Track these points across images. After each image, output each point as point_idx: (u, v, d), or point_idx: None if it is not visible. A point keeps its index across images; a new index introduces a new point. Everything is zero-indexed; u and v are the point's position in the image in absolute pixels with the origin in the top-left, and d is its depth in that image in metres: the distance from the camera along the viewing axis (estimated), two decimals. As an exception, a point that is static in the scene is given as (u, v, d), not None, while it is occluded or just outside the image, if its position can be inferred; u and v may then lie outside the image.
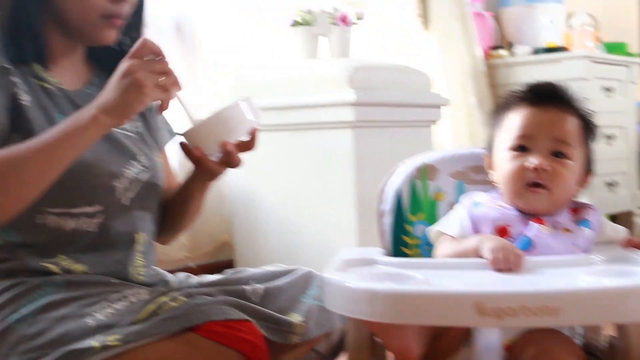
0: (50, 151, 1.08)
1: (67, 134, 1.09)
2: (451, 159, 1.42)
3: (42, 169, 1.08)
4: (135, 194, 1.27)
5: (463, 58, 3.49)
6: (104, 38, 1.25)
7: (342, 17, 2.49)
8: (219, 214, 2.53)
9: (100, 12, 1.22)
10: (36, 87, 1.22)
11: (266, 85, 2.39)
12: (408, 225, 1.38)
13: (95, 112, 1.10)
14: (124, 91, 1.10)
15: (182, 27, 2.45)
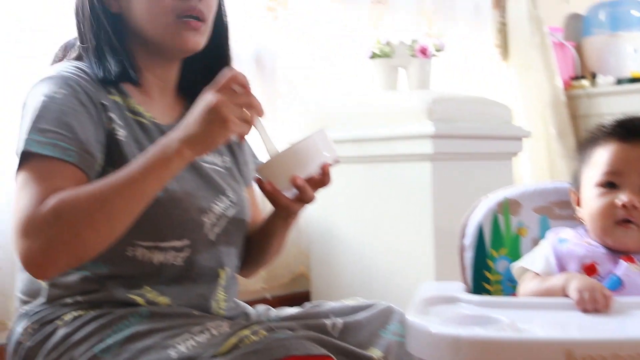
0: (136, 186, 1.09)
1: (151, 167, 1.10)
2: (534, 193, 1.39)
3: (129, 204, 1.09)
4: (221, 229, 1.28)
5: (543, 89, 3.44)
6: (186, 42, 1.25)
7: (421, 49, 2.48)
8: (296, 246, 2.53)
9: (173, 12, 1.23)
10: (131, 122, 1.24)
11: (344, 117, 2.40)
12: (490, 261, 1.36)
13: (179, 146, 1.10)
14: (209, 125, 1.10)
15: (261, 58, 2.48)
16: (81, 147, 1.13)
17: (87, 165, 1.13)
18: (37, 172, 1.10)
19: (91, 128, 1.16)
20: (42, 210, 1.05)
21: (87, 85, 1.19)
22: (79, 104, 1.16)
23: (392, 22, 2.93)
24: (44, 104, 1.14)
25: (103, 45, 1.25)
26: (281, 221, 1.34)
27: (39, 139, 1.11)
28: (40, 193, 1.07)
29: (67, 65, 1.24)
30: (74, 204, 1.06)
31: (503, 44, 3.51)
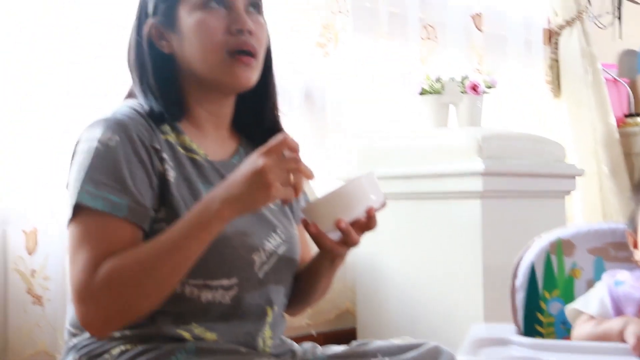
0: (180, 251, 1.12)
1: (193, 230, 1.12)
2: (588, 234, 1.36)
3: (174, 268, 1.12)
4: (270, 267, 1.27)
5: (596, 126, 3.39)
6: (238, 79, 1.26)
7: (472, 86, 2.46)
8: (342, 281, 2.52)
9: (224, 48, 1.24)
10: (184, 159, 1.25)
11: (393, 153, 2.39)
12: (542, 302, 1.33)
13: (219, 206, 1.11)
14: (251, 188, 1.11)
15: (311, 93, 2.50)
16: (133, 199, 1.15)
17: (138, 217, 1.15)
18: (90, 230, 1.14)
19: (143, 177, 1.18)
20: (94, 280, 1.10)
21: (140, 129, 1.20)
22: (132, 151, 1.18)
23: (441, 58, 2.93)
24: (98, 151, 1.16)
25: (155, 85, 1.26)
26: (327, 262, 1.33)
27: (92, 190, 1.14)
28: (92, 258, 1.12)
29: (122, 106, 1.26)
30: (122, 274, 1.10)
31: (555, 80, 3.48)
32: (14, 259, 1.76)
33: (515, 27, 3.24)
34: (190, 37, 1.25)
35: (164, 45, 1.28)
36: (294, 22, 2.38)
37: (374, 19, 2.69)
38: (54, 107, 1.83)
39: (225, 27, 1.24)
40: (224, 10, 1.25)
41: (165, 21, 1.27)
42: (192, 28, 1.25)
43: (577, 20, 3.42)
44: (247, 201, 1.11)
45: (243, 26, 1.24)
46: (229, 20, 1.25)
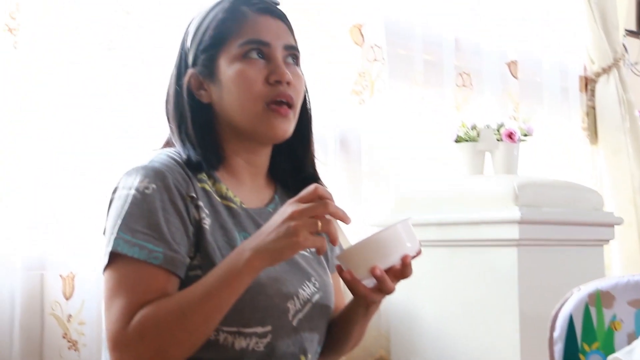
0: (212, 301, 1.13)
1: (224, 280, 1.13)
2: (628, 285, 1.35)
3: (206, 317, 1.13)
4: (304, 315, 1.27)
5: (633, 173, 3.35)
6: (275, 130, 1.28)
7: (508, 134, 2.46)
8: (375, 328, 2.49)
9: (263, 99, 1.26)
10: (220, 207, 1.27)
11: (429, 200, 2.38)
12: (581, 355, 1.31)
13: (249, 256, 1.12)
14: (279, 237, 1.11)
15: (346, 140, 2.51)
16: (168, 247, 1.16)
17: (173, 265, 1.17)
18: (125, 278, 1.16)
19: (179, 225, 1.19)
20: (129, 329, 1.12)
21: (177, 177, 1.22)
22: (168, 199, 1.19)
23: (477, 105, 2.93)
24: (134, 199, 1.18)
25: (193, 134, 1.29)
26: (361, 310, 1.32)
27: (128, 238, 1.16)
28: (127, 307, 1.14)
29: (159, 154, 1.27)
30: (155, 323, 1.12)
31: (591, 127, 3.45)
32: (50, 303, 1.77)
33: (551, 75, 3.23)
34: (229, 87, 1.27)
35: (203, 94, 1.30)
36: (329, 70, 2.40)
37: (410, 66, 2.70)
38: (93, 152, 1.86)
39: (264, 78, 1.27)
40: (263, 61, 1.28)
41: (205, 71, 1.29)
42: (231, 78, 1.27)
43: (613, 68, 3.40)
44: (275, 251, 1.12)
45: (282, 78, 1.26)
46: (268, 71, 1.27)
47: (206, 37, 1.30)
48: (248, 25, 1.28)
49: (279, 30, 1.30)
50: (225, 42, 1.28)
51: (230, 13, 1.30)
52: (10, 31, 1.74)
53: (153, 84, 1.94)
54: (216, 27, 1.29)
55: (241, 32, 1.28)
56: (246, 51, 1.27)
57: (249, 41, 1.27)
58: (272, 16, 1.31)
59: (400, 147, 2.63)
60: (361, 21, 2.52)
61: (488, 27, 2.98)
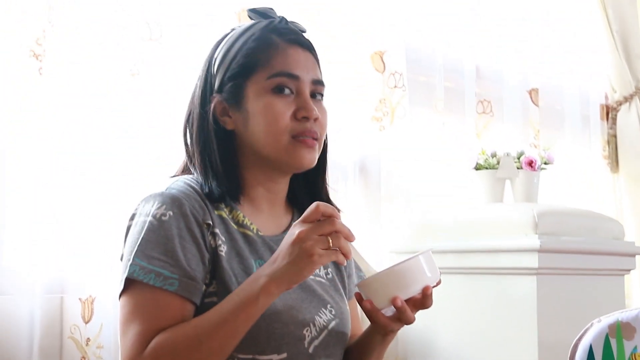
0: (228, 326, 1.13)
1: (240, 306, 1.13)
2: (649, 317, 1.33)
3: (222, 343, 1.13)
4: (320, 342, 1.27)
5: (655, 202, 3.33)
6: (301, 161, 1.29)
7: (528, 162, 2.45)
8: (393, 355, 2.48)
9: (289, 133, 1.27)
10: (236, 235, 1.27)
11: (448, 227, 2.38)
12: (602, 387, 1.29)
13: (265, 282, 1.13)
14: (294, 259, 1.12)
15: (366, 167, 2.51)
16: (184, 274, 1.17)
17: (189, 291, 1.17)
18: (141, 304, 1.16)
19: (195, 252, 1.20)
20: (144, 355, 1.12)
21: (194, 205, 1.23)
22: (184, 226, 1.20)
23: (497, 132, 2.92)
24: (151, 225, 1.19)
25: (213, 164, 1.29)
26: (378, 337, 1.32)
27: (143, 264, 1.16)
28: (142, 333, 1.14)
29: (177, 181, 1.28)
30: (172, 349, 1.12)
31: (612, 155, 3.43)
32: (69, 326, 1.78)
33: (572, 103, 3.23)
34: (256, 119, 1.27)
35: (227, 121, 1.31)
36: (350, 96, 2.41)
37: (430, 93, 2.71)
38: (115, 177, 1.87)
39: (292, 113, 1.27)
40: (291, 95, 1.28)
41: (231, 99, 1.30)
42: (259, 110, 1.27)
43: (635, 97, 3.39)
44: (292, 273, 1.12)
45: (310, 115, 1.27)
46: (296, 107, 1.28)
47: (234, 65, 1.30)
48: (278, 56, 1.29)
49: (307, 63, 1.31)
50: (254, 71, 1.28)
51: (260, 42, 1.29)
52: (35, 57, 1.77)
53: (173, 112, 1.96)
54: (245, 56, 1.29)
55: (271, 63, 1.28)
56: (275, 84, 1.27)
57: (278, 74, 1.28)
58: (301, 47, 1.32)
59: (420, 173, 2.63)
60: (382, 48, 2.53)
61: (509, 55, 2.99)
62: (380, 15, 2.53)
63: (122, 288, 1.18)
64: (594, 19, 3.33)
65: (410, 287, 1.17)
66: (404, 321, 1.21)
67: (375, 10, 2.51)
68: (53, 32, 1.79)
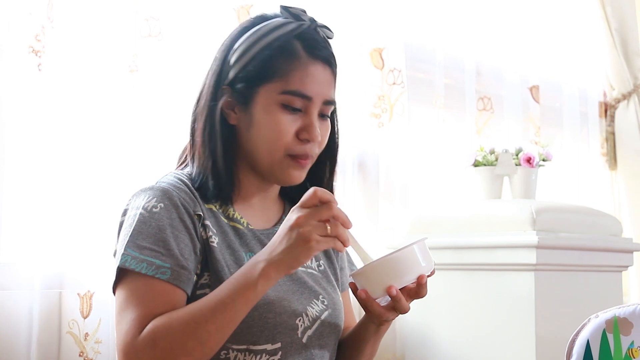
0: (226, 310, 1.12)
1: (239, 291, 1.13)
2: (646, 312, 1.33)
3: (219, 328, 1.12)
4: (314, 332, 1.28)
5: (653, 199, 3.34)
6: (291, 178, 1.30)
7: (526, 159, 2.45)
8: (391, 352, 2.48)
9: (287, 151, 1.27)
10: (226, 228, 1.28)
11: (446, 223, 2.38)
12: (598, 382, 1.30)
13: (264, 266, 1.13)
14: (291, 244, 1.12)
15: (364, 163, 2.51)
16: (176, 263, 1.17)
17: (181, 280, 1.18)
18: (134, 292, 1.16)
19: (187, 242, 1.20)
20: (139, 339, 1.12)
21: (184, 197, 1.23)
22: (176, 217, 1.20)
23: (498, 129, 2.93)
24: (142, 217, 1.19)
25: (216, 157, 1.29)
26: (373, 327, 1.33)
27: (136, 255, 1.17)
28: (136, 320, 1.14)
29: (167, 175, 1.29)
30: (167, 332, 1.11)
31: (611, 153, 3.45)
32: (68, 322, 1.78)
33: (571, 100, 3.24)
34: (259, 128, 1.27)
35: (231, 115, 1.31)
36: (349, 92, 2.41)
37: (429, 90, 2.72)
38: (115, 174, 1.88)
39: (295, 133, 1.27)
40: (299, 113, 1.27)
41: (241, 99, 1.29)
42: (264, 121, 1.26)
43: (633, 94, 3.40)
44: (290, 259, 1.12)
45: (312, 138, 1.27)
46: (300, 126, 1.27)
47: (251, 66, 1.28)
48: (297, 71, 1.27)
49: (324, 81, 1.29)
50: (269, 81, 1.27)
51: (282, 51, 1.27)
52: (35, 53, 1.77)
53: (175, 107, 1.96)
54: (264, 61, 1.27)
55: (288, 77, 1.26)
56: (287, 101, 1.26)
57: (293, 92, 1.26)
58: (323, 64, 1.30)
59: (418, 170, 2.64)
60: (381, 45, 2.53)
61: (509, 52, 2.99)
62: (379, 12, 2.53)
63: (115, 279, 1.19)
64: (592, 16, 3.34)
65: (404, 276, 1.17)
66: (399, 310, 1.21)
67: (374, 7, 2.52)
68: (52, 28, 1.79)
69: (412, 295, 1.22)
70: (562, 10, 3.26)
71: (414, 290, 1.21)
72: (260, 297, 1.14)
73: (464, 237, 2.30)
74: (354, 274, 1.20)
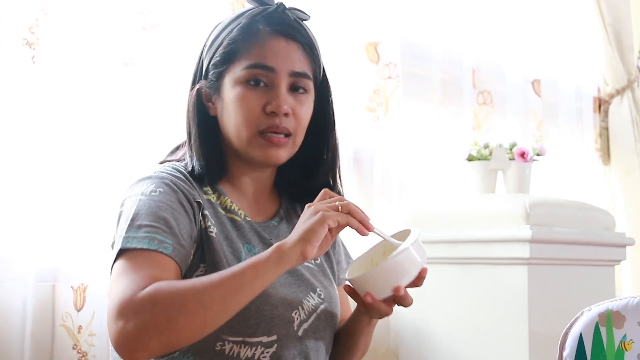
0: (233, 278, 1.09)
1: (250, 264, 1.11)
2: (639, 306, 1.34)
3: (224, 296, 1.08)
4: (310, 325, 1.28)
5: (646, 195, 3.35)
6: (266, 157, 1.28)
7: (520, 153, 2.46)
8: (384, 345, 2.49)
9: (256, 126, 1.26)
10: (224, 219, 1.28)
11: (440, 217, 2.39)
12: (591, 375, 1.30)
13: (278, 243, 1.12)
14: (306, 221, 1.13)
15: (360, 157, 2.51)
16: (176, 241, 1.16)
17: (181, 258, 1.16)
18: (135, 262, 1.12)
19: (186, 224, 1.19)
20: (140, 295, 1.06)
21: (183, 185, 1.23)
22: (175, 200, 1.20)
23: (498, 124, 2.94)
24: (141, 202, 1.18)
25: (200, 146, 1.29)
26: (366, 320, 1.34)
27: (136, 234, 1.14)
28: (139, 279, 1.09)
29: (165, 166, 1.29)
30: (170, 290, 1.07)
31: (604, 148, 3.46)
32: (61, 314, 1.78)
33: (566, 95, 3.24)
34: (229, 109, 1.28)
35: (211, 107, 1.32)
36: (344, 86, 2.41)
37: (426, 85, 2.72)
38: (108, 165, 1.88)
39: (262, 107, 1.26)
40: (265, 88, 1.27)
41: (213, 86, 1.30)
42: (231, 101, 1.27)
43: (627, 89, 3.41)
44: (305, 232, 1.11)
45: (278, 110, 1.26)
46: (266, 100, 1.26)
47: (218, 53, 1.29)
48: (258, 46, 1.27)
49: (289, 54, 1.28)
50: (233, 61, 1.28)
51: (244, 31, 1.28)
52: (29, 45, 1.76)
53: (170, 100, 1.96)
54: (228, 45, 1.28)
55: (250, 53, 1.27)
56: (250, 76, 1.26)
57: (253, 65, 1.26)
58: (286, 38, 1.28)
59: (414, 164, 2.64)
60: (377, 39, 2.53)
61: (505, 48, 3.00)
62: (375, 6, 2.53)
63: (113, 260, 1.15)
64: (587, 12, 3.35)
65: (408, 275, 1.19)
66: (404, 304, 1.21)
67: (370, 1, 2.51)
68: (46, 20, 1.79)
69: (409, 286, 1.23)
70: (557, 6, 3.26)
71: (413, 282, 1.22)
72: (272, 276, 1.11)
73: (458, 232, 2.30)
74: (356, 279, 1.20)
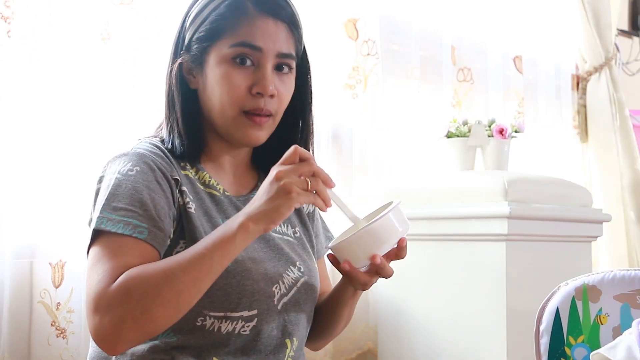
0: (203, 261, 1.10)
1: (217, 243, 1.11)
2: (614, 280, 1.35)
3: (196, 280, 1.09)
4: (290, 299, 1.28)
5: (622, 172, 3.38)
6: (247, 137, 1.28)
7: (499, 130, 2.47)
8: (364, 322, 2.51)
9: (241, 107, 1.26)
10: (203, 194, 1.27)
11: (419, 194, 2.39)
12: (567, 348, 1.32)
13: (243, 220, 1.11)
14: (272, 197, 1.11)
15: (339, 135, 2.51)
16: (153, 224, 1.15)
17: (157, 241, 1.16)
18: (109, 249, 1.13)
19: (163, 204, 1.19)
20: (113, 287, 1.07)
21: (160, 162, 1.22)
22: (152, 179, 1.19)
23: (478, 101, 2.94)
24: (118, 181, 1.18)
25: (177, 121, 1.29)
26: (351, 291, 1.34)
27: (111, 216, 1.14)
28: (111, 270, 1.10)
29: (142, 142, 1.28)
30: (142, 281, 1.08)
31: (582, 125, 3.48)
32: (39, 291, 1.77)
33: (545, 73, 3.26)
34: (212, 86, 1.26)
35: (192, 80, 1.31)
36: (323, 63, 2.40)
37: (405, 61, 2.71)
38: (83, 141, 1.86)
39: (248, 87, 1.25)
40: (251, 67, 1.26)
41: (195, 61, 1.29)
42: (216, 79, 1.26)
43: (605, 67, 3.43)
44: (270, 211, 1.11)
45: (264, 91, 1.25)
46: (253, 81, 1.25)
47: (203, 27, 1.28)
48: (245, 25, 1.25)
49: (277, 34, 1.27)
50: (219, 38, 1.26)
51: (232, 8, 1.26)
52: (4, 19, 1.74)
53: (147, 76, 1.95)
54: (214, 20, 1.27)
55: (237, 31, 1.25)
56: (236, 54, 1.25)
57: (240, 44, 1.25)
58: (274, 18, 1.27)
59: (393, 141, 2.64)
60: (356, 15, 2.52)
61: (483, 25, 2.99)
62: (354, -18, 2.52)
63: (89, 242, 1.15)
64: (565, -11, 3.36)
65: (386, 243, 1.18)
66: (383, 275, 1.21)
67: (348, -23, 2.51)
68: (22, -6, 1.77)
69: (391, 257, 1.22)
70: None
71: (394, 252, 1.22)
72: (238, 251, 1.12)
73: (436, 208, 2.31)
74: (334, 247, 1.20)
